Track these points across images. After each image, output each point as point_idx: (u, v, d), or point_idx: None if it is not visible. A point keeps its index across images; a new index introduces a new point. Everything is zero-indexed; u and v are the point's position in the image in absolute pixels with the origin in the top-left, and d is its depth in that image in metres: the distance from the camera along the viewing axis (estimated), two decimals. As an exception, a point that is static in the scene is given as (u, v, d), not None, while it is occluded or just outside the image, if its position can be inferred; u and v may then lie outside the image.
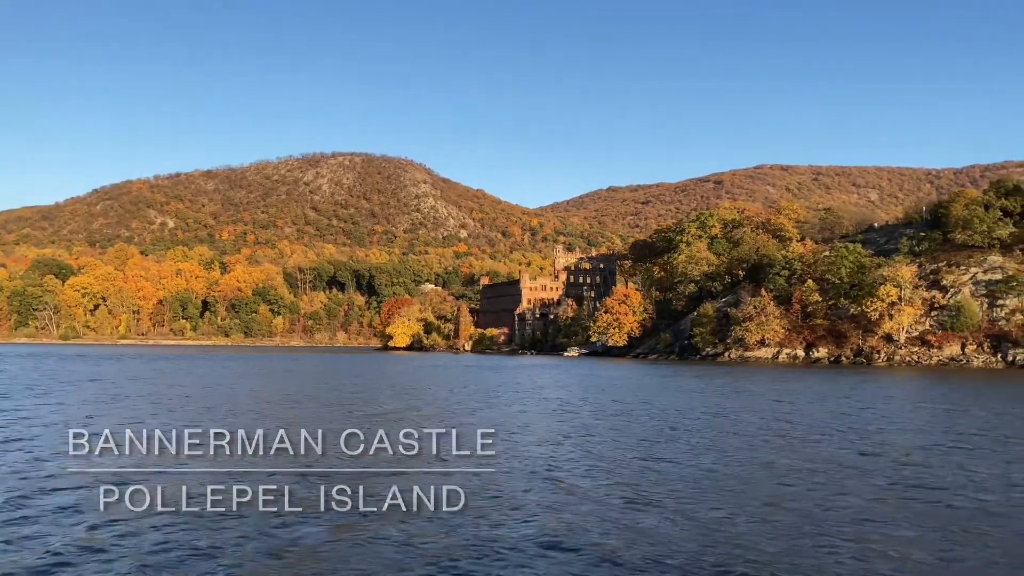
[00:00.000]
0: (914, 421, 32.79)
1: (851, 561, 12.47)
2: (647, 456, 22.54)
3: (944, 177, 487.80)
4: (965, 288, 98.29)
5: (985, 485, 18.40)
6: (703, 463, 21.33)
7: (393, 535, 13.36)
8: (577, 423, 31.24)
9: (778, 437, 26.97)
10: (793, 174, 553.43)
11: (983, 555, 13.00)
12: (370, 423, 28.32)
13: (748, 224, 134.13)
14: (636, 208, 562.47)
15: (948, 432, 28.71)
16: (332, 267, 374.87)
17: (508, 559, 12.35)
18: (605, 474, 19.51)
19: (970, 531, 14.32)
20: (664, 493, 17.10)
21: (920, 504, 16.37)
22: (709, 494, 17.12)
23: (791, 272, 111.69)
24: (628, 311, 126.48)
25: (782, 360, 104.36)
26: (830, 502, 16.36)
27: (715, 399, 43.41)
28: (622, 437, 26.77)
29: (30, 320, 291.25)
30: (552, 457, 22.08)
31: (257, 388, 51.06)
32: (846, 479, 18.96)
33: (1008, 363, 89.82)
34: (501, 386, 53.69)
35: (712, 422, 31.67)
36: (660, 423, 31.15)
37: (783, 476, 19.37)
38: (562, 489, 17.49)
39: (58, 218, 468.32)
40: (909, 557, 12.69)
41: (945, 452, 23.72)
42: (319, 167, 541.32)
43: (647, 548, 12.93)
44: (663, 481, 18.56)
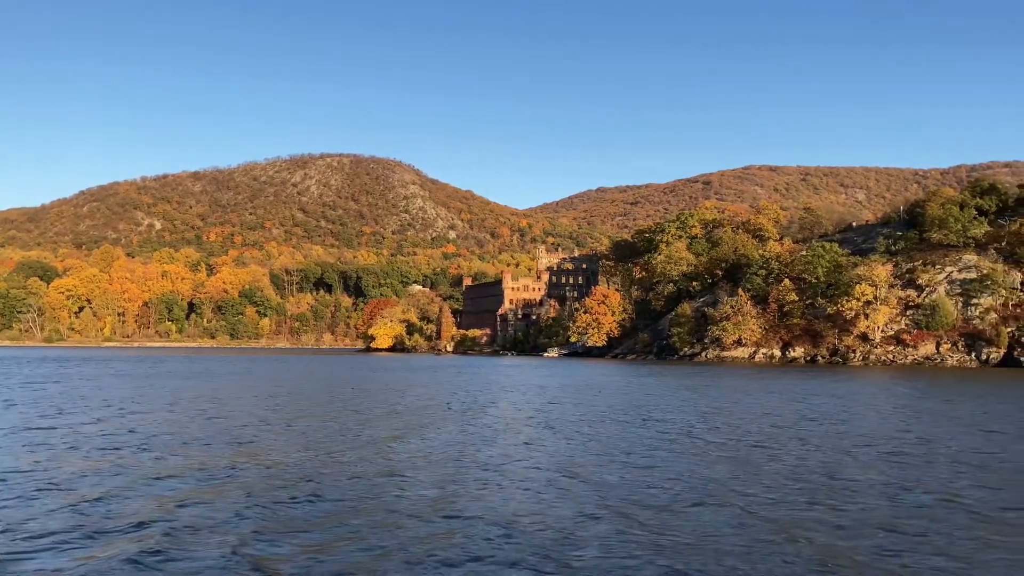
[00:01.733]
0: (781, 412, 32.35)
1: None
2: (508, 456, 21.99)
3: (931, 177, 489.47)
4: (940, 287, 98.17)
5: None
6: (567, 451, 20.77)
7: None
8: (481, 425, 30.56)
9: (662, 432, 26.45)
10: (781, 174, 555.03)
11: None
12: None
13: (728, 224, 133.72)
14: (625, 209, 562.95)
15: (802, 422, 28.23)
16: (319, 268, 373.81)
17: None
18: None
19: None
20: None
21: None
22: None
23: (768, 272, 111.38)
24: (607, 311, 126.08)
25: (759, 360, 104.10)
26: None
27: (647, 397, 42.78)
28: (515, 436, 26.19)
29: (14, 323, 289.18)
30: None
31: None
32: (674, 460, 18.48)
33: (982, 362, 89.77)
34: (426, 391, 52.96)
35: (624, 415, 31.13)
36: (550, 416, 30.59)
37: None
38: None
39: (44, 220, 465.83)
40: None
41: (781, 432, 23.26)
42: (307, 168, 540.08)
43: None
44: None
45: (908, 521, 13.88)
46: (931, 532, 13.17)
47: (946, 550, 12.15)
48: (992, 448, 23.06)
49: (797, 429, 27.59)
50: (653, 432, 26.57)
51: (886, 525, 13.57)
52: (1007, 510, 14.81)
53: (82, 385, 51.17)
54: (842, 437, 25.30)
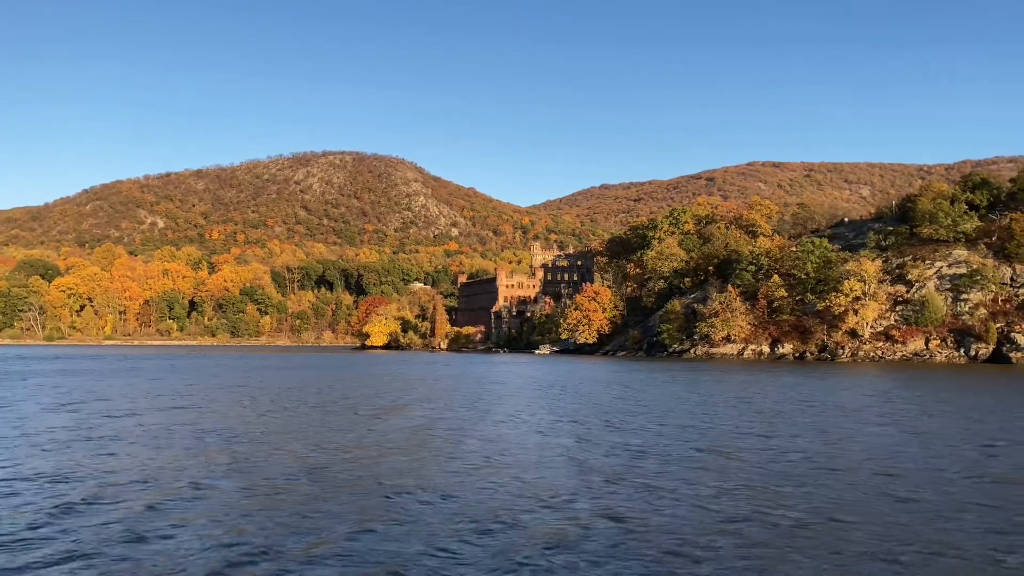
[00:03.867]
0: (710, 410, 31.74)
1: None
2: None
3: (935, 173, 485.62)
4: (930, 283, 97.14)
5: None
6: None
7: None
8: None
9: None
10: (785, 171, 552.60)
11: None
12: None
13: (721, 220, 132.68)
14: (628, 205, 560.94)
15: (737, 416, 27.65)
16: (321, 266, 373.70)
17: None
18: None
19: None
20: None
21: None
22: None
23: (758, 268, 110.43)
24: (597, 308, 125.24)
25: (747, 356, 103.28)
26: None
27: (611, 395, 42.21)
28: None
29: (15, 321, 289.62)
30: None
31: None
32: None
33: (971, 358, 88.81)
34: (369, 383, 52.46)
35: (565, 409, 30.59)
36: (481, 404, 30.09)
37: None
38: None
39: (47, 219, 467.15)
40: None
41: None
42: (310, 166, 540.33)
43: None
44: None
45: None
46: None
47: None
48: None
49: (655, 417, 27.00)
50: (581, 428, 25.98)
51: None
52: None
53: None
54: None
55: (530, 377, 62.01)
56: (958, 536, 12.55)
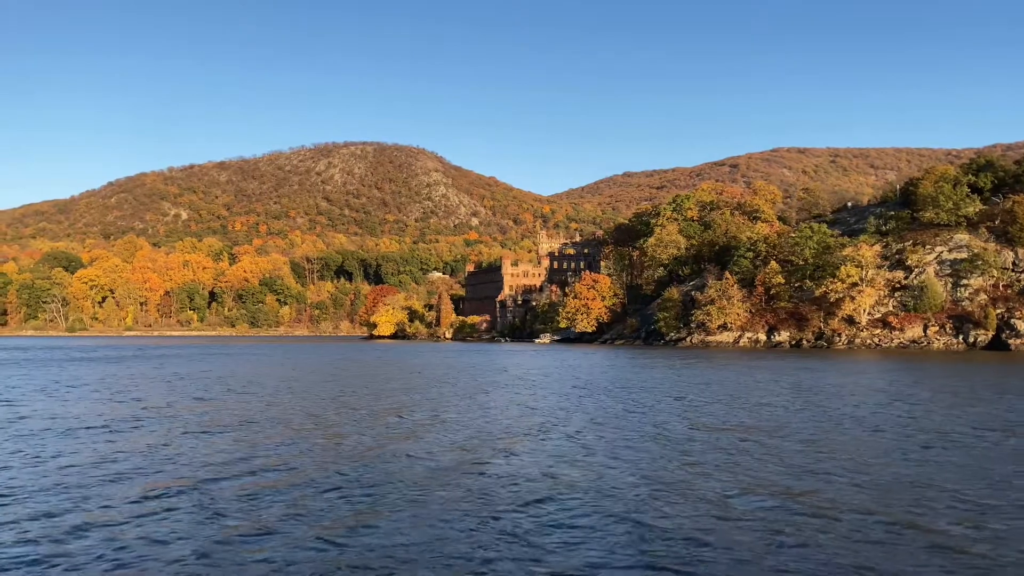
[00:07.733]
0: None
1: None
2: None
3: (964, 157, 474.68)
4: (930, 268, 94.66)
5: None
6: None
7: None
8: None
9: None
10: (810, 156, 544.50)
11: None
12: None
13: (726, 206, 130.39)
14: (651, 193, 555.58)
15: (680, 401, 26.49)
16: (340, 257, 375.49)
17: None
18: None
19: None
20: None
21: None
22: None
23: (756, 254, 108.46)
24: (596, 296, 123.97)
25: (743, 344, 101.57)
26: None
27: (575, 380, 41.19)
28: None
29: (39, 313, 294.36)
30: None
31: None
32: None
33: (969, 345, 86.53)
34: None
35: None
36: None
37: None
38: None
39: (73, 211, 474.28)
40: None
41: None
42: (331, 157, 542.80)
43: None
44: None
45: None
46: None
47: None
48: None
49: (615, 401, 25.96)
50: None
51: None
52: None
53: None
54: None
55: (501, 369, 60.92)
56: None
